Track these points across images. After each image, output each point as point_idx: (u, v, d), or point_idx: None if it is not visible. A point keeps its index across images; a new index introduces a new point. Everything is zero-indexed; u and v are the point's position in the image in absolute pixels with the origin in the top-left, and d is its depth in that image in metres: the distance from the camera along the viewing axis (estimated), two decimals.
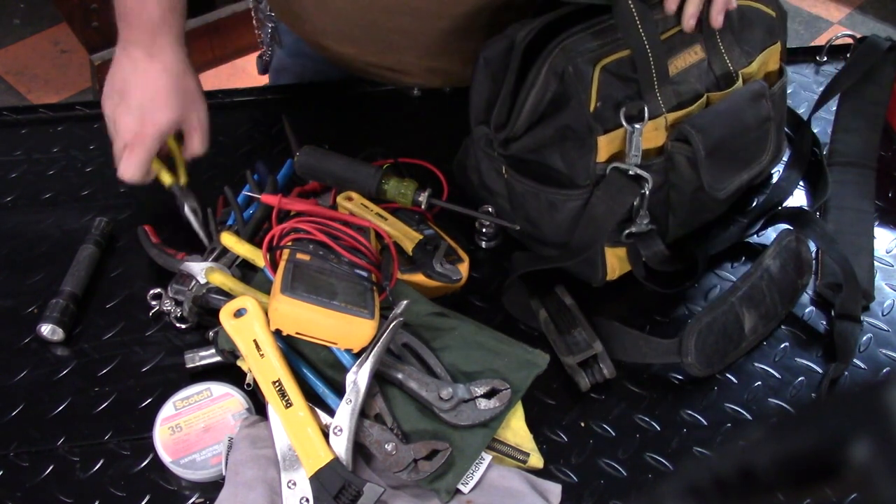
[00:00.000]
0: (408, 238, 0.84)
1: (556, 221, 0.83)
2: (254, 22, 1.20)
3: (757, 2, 0.87)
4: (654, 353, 0.81)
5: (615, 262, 0.87)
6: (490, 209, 0.89)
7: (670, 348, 0.80)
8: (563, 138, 0.80)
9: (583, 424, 0.79)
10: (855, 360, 0.84)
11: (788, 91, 1.15)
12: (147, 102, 0.87)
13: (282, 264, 0.76)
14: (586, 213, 0.81)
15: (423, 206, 0.86)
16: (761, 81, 0.86)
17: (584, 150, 0.79)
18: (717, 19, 0.81)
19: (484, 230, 0.92)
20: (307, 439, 0.69)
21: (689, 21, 0.80)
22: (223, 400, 0.76)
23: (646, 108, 0.78)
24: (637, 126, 0.77)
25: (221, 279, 0.79)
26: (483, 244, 0.93)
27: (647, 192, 0.80)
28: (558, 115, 0.79)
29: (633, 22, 0.77)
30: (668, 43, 0.80)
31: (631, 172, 0.79)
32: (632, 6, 0.76)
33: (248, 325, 0.72)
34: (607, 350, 0.80)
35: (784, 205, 0.98)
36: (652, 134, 0.80)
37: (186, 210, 0.91)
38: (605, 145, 0.78)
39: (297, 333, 0.72)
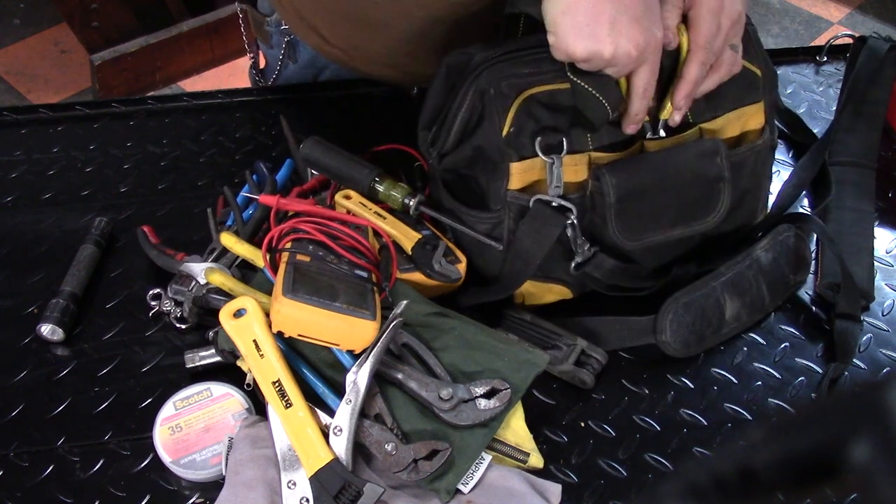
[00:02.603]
0: (407, 237, 0.84)
1: (470, 241, 0.82)
2: (243, 34, 1.18)
3: (742, 58, 0.79)
4: (631, 334, 0.81)
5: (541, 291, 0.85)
6: None
7: (646, 326, 0.80)
8: (476, 160, 0.79)
9: (583, 424, 0.79)
10: (855, 360, 0.84)
11: (788, 91, 1.15)
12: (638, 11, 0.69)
13: (282, 266, 0.76)
14: (513, 247, 0.80)
15: (411, 212, 0.86)
16: (717, 140, 0.80)
17: (496, 174, 0.77)
18: (679, 103, 0.76)
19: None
20: (307, 439, 0.69)
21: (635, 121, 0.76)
22: (223, 400, 0.76)
23: (565, 141, 0.76)
24: (556, 157, 0.76)
25: (221, 279, 0.79)
26: None
27: (575, 222, 0.78)
28: (474, 135, 0.77)
29: (590, 94, 0.73)
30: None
31: (554, 204, 0.77)
32: (584, 85, 0.73)
33: (247, 326, 0.72)
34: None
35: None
36: (573, 168, 0.77)
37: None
38: (519, 173, 0.77)
39: (299, 335, 0.72)
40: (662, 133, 0.79)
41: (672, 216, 0.80)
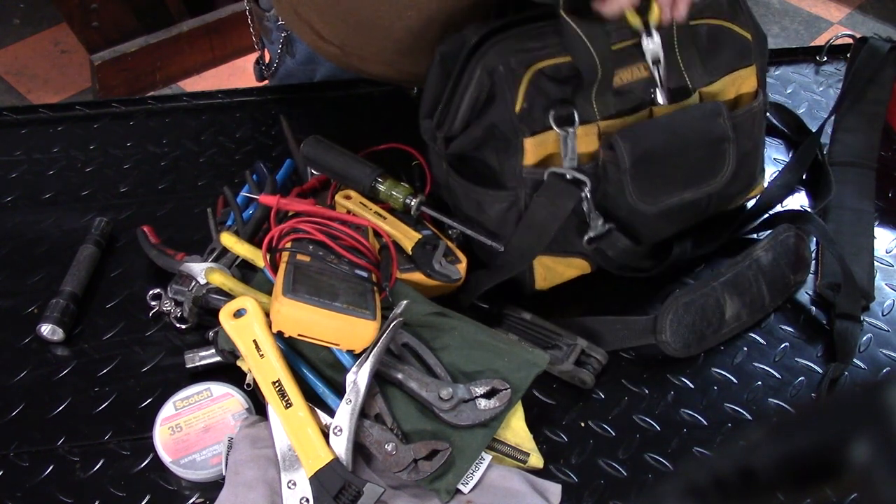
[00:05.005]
0: (407, 237, 0.84)
1: (484, 223, 0.83)
2: (251, 30, 1.19)
3: (732, 23, 0.84)
4: (631, 334, 0.81)
5: (558, 269, 0.85)
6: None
7: (647, 326, 0.80)
8: (489, 138, 0.79)
9: (583, 424, 0.79)
10: (855, 360, 0.84)
11: (788, 91, 1.15)
12: None
13: (282, 266, 0.76)
14: (525, 218, 0.80)
15: (412, 212, 0.86)
16: (718, 102, 0.82)
17: (510, 151, 0.78)
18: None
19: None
20: (307, 439, 0.69)
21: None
22: (223, 400, 0.76)
23: (575, 112, 0.76)
24: (569, 130, 0.76)
25: (221, 279, 0.79)
26: None
27: (589, 195, 0.79)
28: (486, 113, 0.78)
29: (577, 36, 0.74)
30: (618, 54, 0.78)
31: (568, 177, 0.78)
32: (573, 25, 0.74)
33: (247, 326, 0.72)
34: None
35: (783, 206, 0.97)
36: (583, 139, 0.78)
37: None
38: (533, 148, 0.77)
39: (299, 335, 0.72)
40: (661, 100, 0.81)
41: (683, 178, 0.82)
